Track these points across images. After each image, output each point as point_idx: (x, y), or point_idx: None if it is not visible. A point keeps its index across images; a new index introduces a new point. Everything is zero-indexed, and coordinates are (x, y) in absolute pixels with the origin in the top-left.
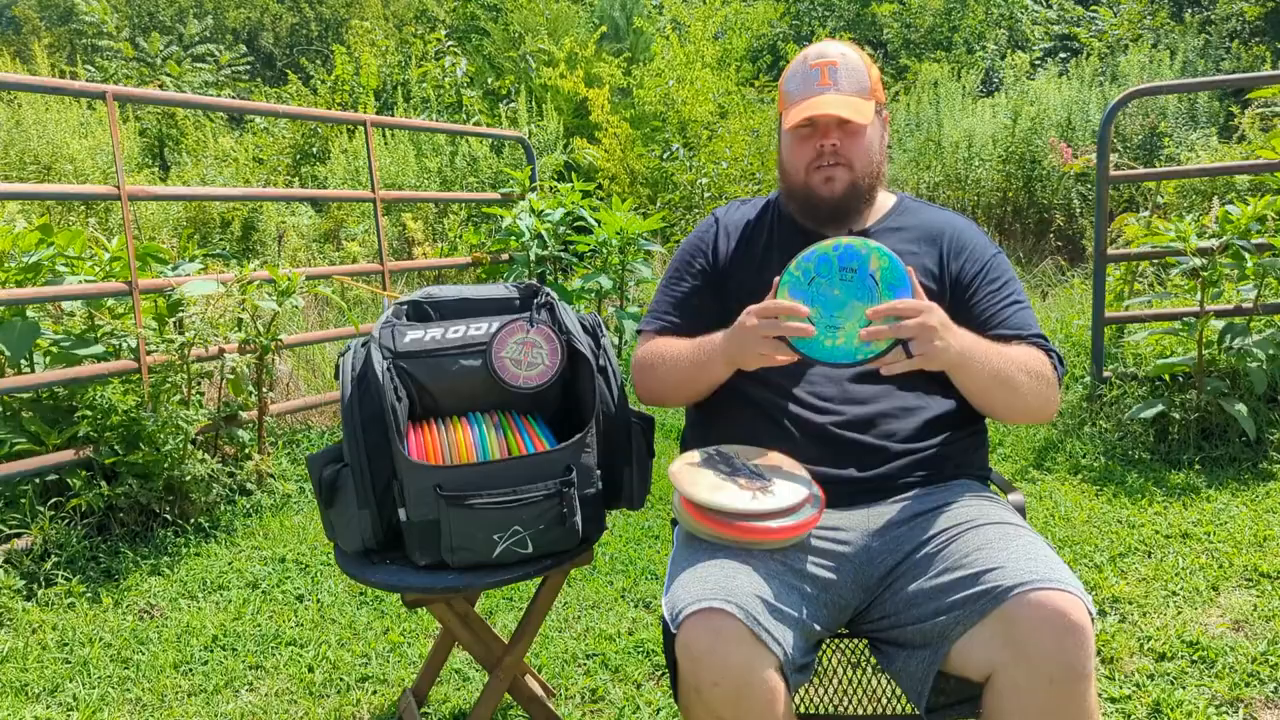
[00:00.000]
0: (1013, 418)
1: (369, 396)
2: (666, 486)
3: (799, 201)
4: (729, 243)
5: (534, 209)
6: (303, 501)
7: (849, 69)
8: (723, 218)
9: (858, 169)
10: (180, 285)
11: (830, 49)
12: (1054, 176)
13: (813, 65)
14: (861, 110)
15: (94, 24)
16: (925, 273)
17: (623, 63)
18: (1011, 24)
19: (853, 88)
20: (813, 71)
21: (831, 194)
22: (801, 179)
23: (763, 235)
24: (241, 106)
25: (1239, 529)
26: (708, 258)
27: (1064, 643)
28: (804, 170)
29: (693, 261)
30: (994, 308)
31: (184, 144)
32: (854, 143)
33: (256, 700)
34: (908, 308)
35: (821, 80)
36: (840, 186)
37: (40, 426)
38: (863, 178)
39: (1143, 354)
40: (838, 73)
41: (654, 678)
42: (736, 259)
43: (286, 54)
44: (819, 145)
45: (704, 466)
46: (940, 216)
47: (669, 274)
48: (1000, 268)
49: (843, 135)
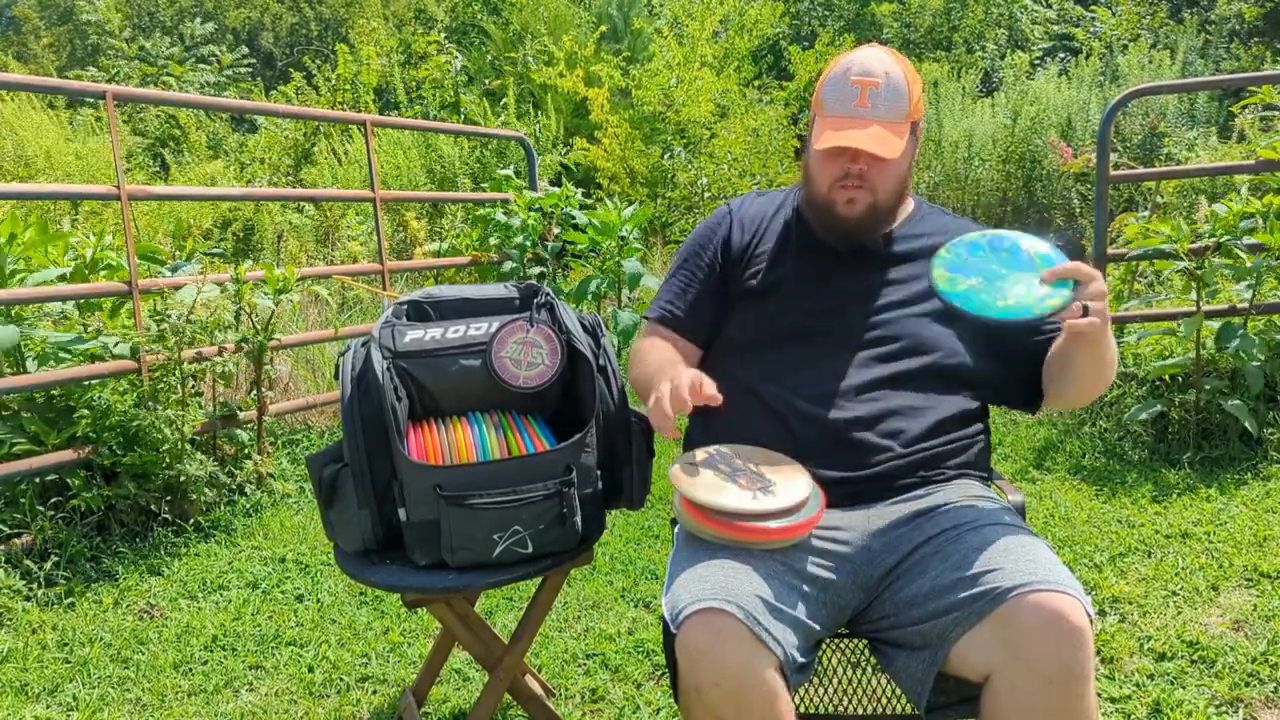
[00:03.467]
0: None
1: (369, 396)
2: (666, 486)
3: (818, 213)
4: (743, 235)
5: (529, 206)
6: (303, 501)
7: (890, 92)
8: (737, 210)
9: (880, 195)
10: (179, 287)
11: (875, 65)
12: (1054, 176)
13: (854, 81)
14: (893, 145)
15: (96, 24)
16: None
17: (622, 62)
18: (1011, 24)
19: (892, 113)
20: (853, 89)
21: (850, 215)
22: (824, 194)
23: (779, 231)
24: (241, 106)
25: (1239, 529)
26: (717, 249)
27: (1062, 644)
28: (828, 186)
29: (701, 252)
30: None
31: (185, 144)
32: (881, 170)
33: (256, 700)
34: (1085, 272)
35: (860, 101)
36: (860, 209)
37: (39, 426)
38: (885, 202)
39: (1142, 354)
40: (878, 95)
41: (654, 678)
42: (748, 252)
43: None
44: (845, 167)
45: (704, 466)
46: (957, 225)
47: (676, 262)
48: None
49: (871, 161)
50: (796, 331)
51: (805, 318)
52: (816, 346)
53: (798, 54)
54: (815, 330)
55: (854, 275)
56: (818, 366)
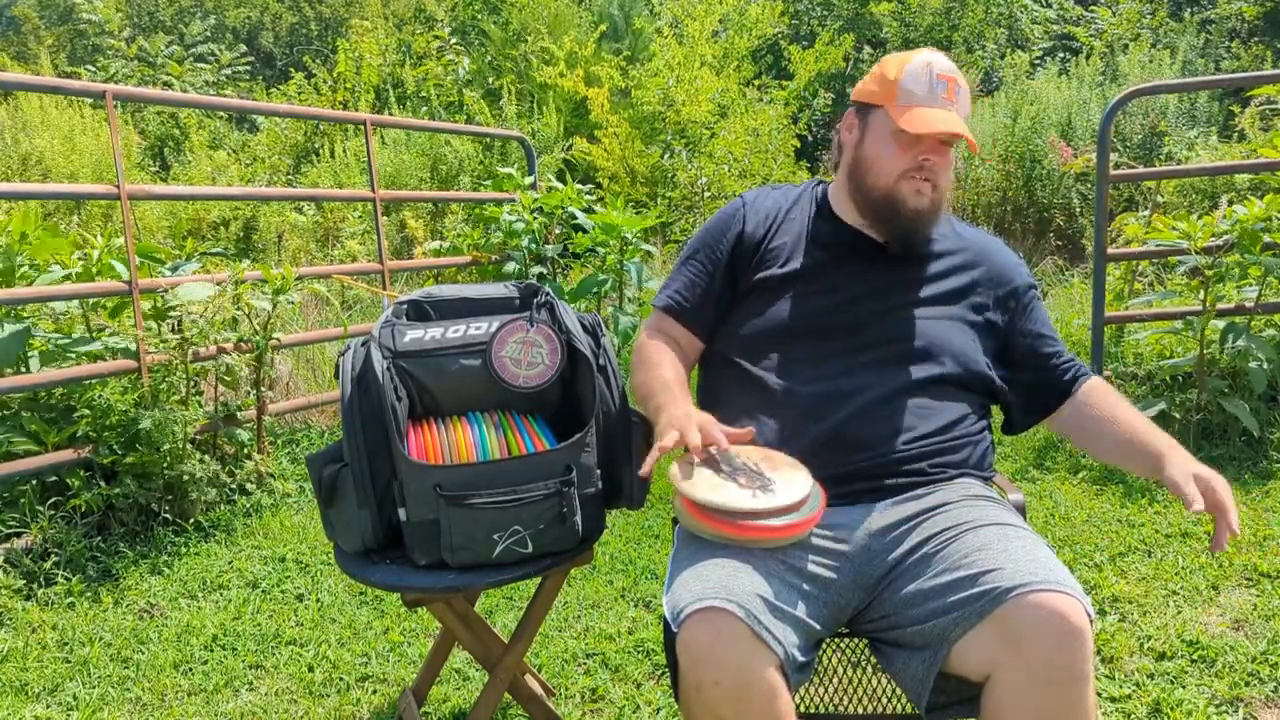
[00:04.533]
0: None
1: (369, 396)
2: (666, 486)
3: (877, 205)
4: (757, 228)
5: (531, 207)
6: (303, 501)
7: (964, 94)
8: (751, 202)
9: (940, 191)
10: (178, 286)
11: (949, 65)
12: (1054, 176)
13: (940, 76)
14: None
15: (96, 23)
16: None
17: (622, 62)
18: (1011, 23)
19: (965, 113)
20: (939, 83)
21: (919, 207)
22: (889, 184)
23: (795, 226)
24: (241, 106)
25: (1239, 528)
26: (729, 242)
27: (1062, 645)
28: (895, 177)
29: (714, 244)
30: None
31: (186, 144)
32: (945, 166)
33: (256, 700)
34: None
35: (947, 95)
36: (926, 203)
37: (40, 426)
38: (942, 199)
39: (1143, 353)
40: (961, 93)
41: (654, 677)
42: (761, 246)
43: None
44: (921, 158)
45: (704, 466)
46: (980, 240)
47: (687, 252)
48: (1035, 299)
49: (939, 156)
50: (807, 327)
51: (817, 314)
52: (825, 342)
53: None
54: (825, 326)
55: (870, 274)
56: (825, 362)
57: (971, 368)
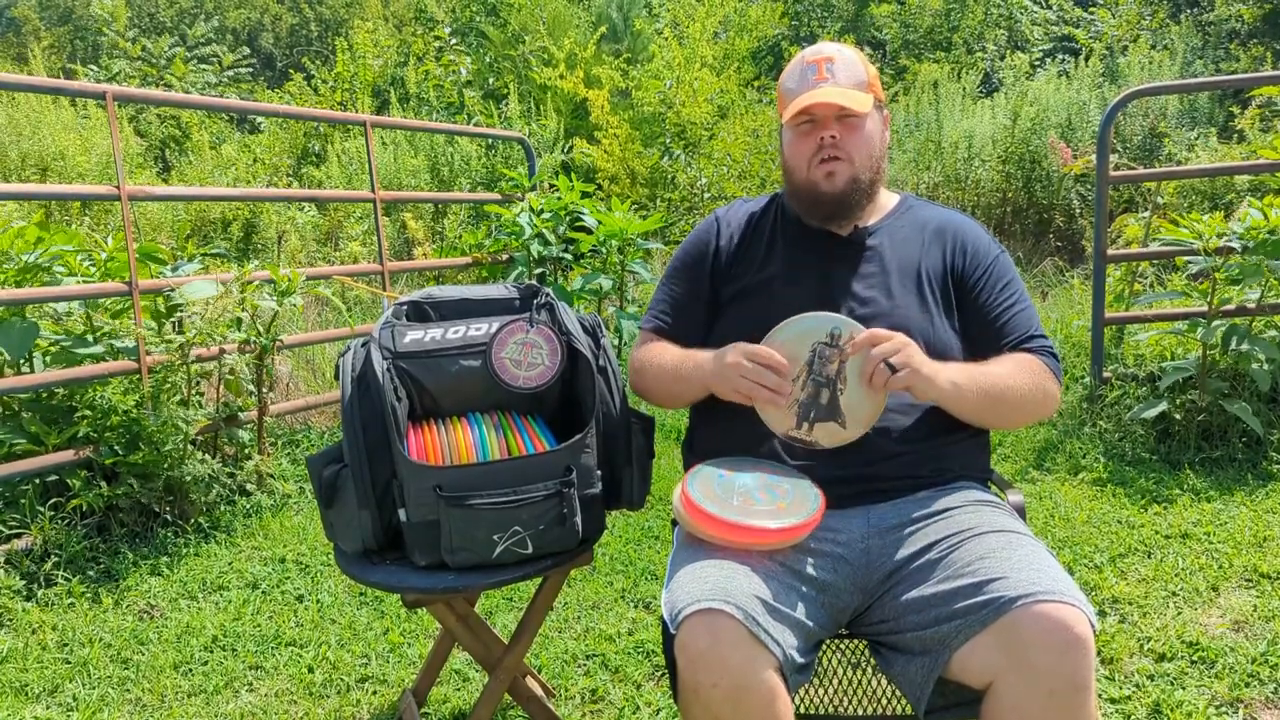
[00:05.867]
0: (1014, 427)
1: (369, 397)
2: (666, 486)
3: (802, 198)
4: (730, 242)
5: (533, 207)
6: (303, 502)
7: (845, 64)
8: (724, 216)
9: (858, 162)
10: (179, 286)
11: (826, 47)
12: (1054, 177)
13: (809, 61)
14: (859, 100)
15: (103, 18)
16: (931, 270)
17: (622, 63)
18: (1011, 25)
19: (849, 81)
20: (809, 67)
21: (834, 188)
22: (804, 175)
23: (765, 232)
24: (241, 107)
25: (1239, 529)
26: (706, 258)
27: (1065, 656)
28: (806, 166)
29: (690, 262)
30: (996, 309)
31: (187, 145)
32: (853, 135)
33: (256, 700)
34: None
35: (818, 75)
36: (841, 181)
37: (40, 427)
38: (863, 171)
39: (1143, 354)
40: (834, 67)
41: (654, 678)
42: (737, 257)
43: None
44: (819, 138)
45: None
46: (944, 215)
47: (668, 272)
48: (1003, 268)
49: (842, 129)
50: None
51: (796, 311)
52: None
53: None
54: None
55: (842, 268)
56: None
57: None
